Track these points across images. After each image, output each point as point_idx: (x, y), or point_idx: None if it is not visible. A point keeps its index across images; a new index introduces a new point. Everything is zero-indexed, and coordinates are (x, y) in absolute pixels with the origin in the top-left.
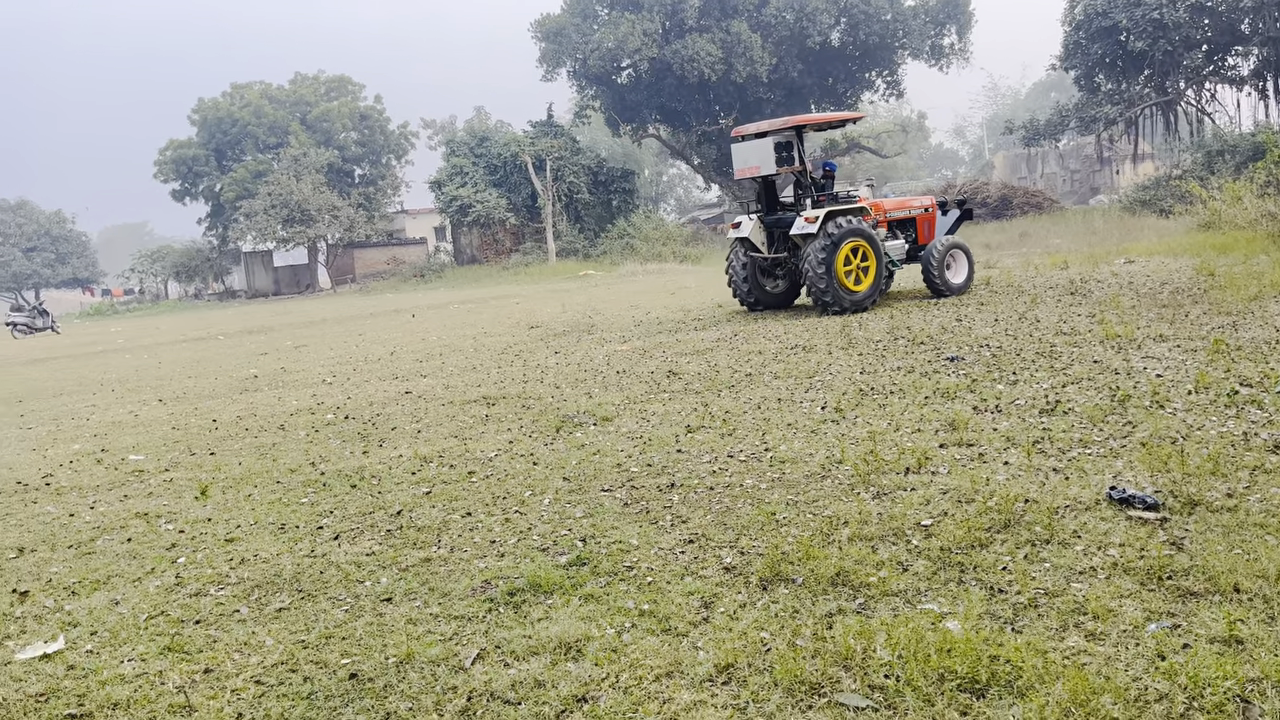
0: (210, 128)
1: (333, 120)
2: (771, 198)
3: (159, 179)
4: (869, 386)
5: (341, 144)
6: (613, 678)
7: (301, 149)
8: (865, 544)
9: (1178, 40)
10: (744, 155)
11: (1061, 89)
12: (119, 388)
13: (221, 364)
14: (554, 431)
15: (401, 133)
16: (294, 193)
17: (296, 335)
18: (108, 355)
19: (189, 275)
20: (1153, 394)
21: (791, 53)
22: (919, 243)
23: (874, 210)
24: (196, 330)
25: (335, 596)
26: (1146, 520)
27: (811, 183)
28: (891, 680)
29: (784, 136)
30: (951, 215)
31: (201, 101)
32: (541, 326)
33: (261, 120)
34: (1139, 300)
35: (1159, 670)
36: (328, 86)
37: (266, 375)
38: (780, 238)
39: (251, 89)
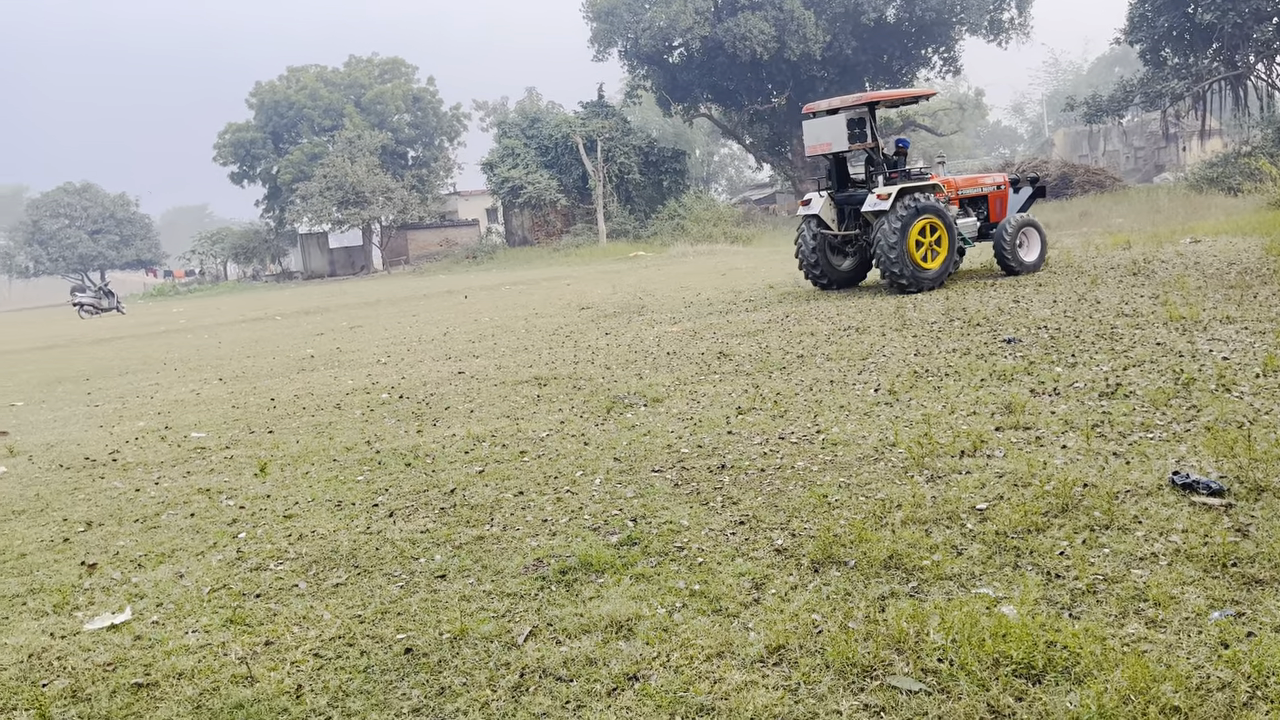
0: (267, 111)
1: (386, 102)
2: (843, 174)
3: (218, 162)
4: (923, 369)
5: (395, 126)
6: (663, 657)
7: (356, 131)
8: (919, 527)
9: (1248, 12)
10: (815, 132)
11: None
12: (181, 367)
13: (279, 344)
14: (605, 412)
15: (454, 114)
16: (348, 175)
17: (351, 316)
18: (170, 335)
19: (247, 257)
20: (1218, 377)
21: (846, 30)
22: (990, 220)
23: (946, 187)
24: (255, 311)
25: (390, 573)
26: (1210, 506)
27: (884, 160)
28: (945, 664)
29: (856, 113)
30: (1024, 192)
31: (259, 85)
32: (592, 308)
33: (317, 103)
34: (1205, 281)
35: (1222, 659)
36: (381, 69)
37: (323, 355)
38: (851, 215)
39: (307, 72)
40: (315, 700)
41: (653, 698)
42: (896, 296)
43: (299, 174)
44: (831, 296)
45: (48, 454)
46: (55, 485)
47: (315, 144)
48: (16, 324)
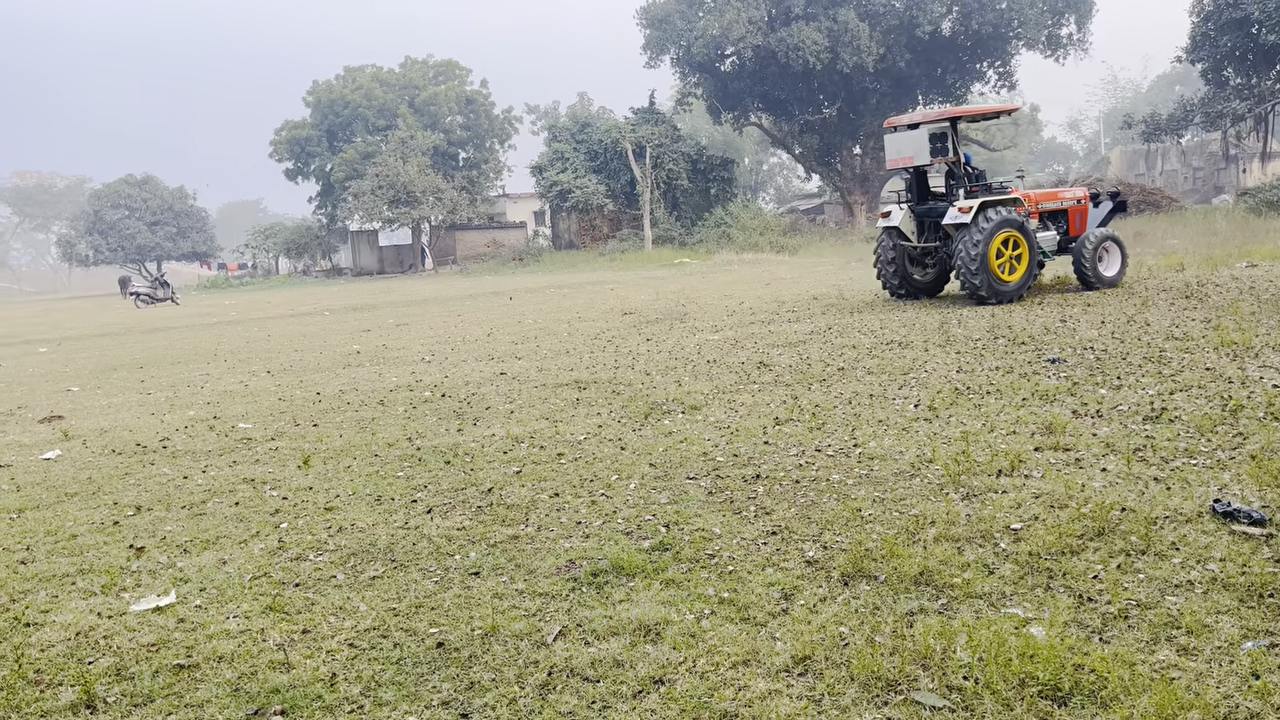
0: (323, 109)
1: (439, 104)
2: (923, 188)
3: (274, 158)
4: (965, 386)
5: (447, 127)
6: (690, 662)
7: (409, 131)
8: (951, 544)
9: None
10: (897, 145)
11: (1186, 82)
12: (231, 358)
13: (326, 339)
14: (642, 418)
15: (505, 117)
16: (400, 174)
17: (398, 314)
18: (221, 327)
19: (298, 252)
20: (1268, 405)
21: (900, 42)
22: (1070, 234)
23: (1026, 201)
24: (304, 306)
25: (426, 568)
26: (1251, 535)
27: (966, 173)
28: (970, 682)
29: (938, 128)
30: (1104, 207)
31: (316, 84)
32: (635, 313)
33: (372, 103)
34: (1260, 306)
35: (1252, 689)
36: (436, 70)
37: (368, 351)
38: (931, 227)
39: (363, 72)
40: (348, 689)
41: (677, 702)
42: (941, 311)
43: (352, 172)
44: (877, 311)
45: (101, 439)
46: (107, 470)
47: (369, 143)
48: (75, 311)
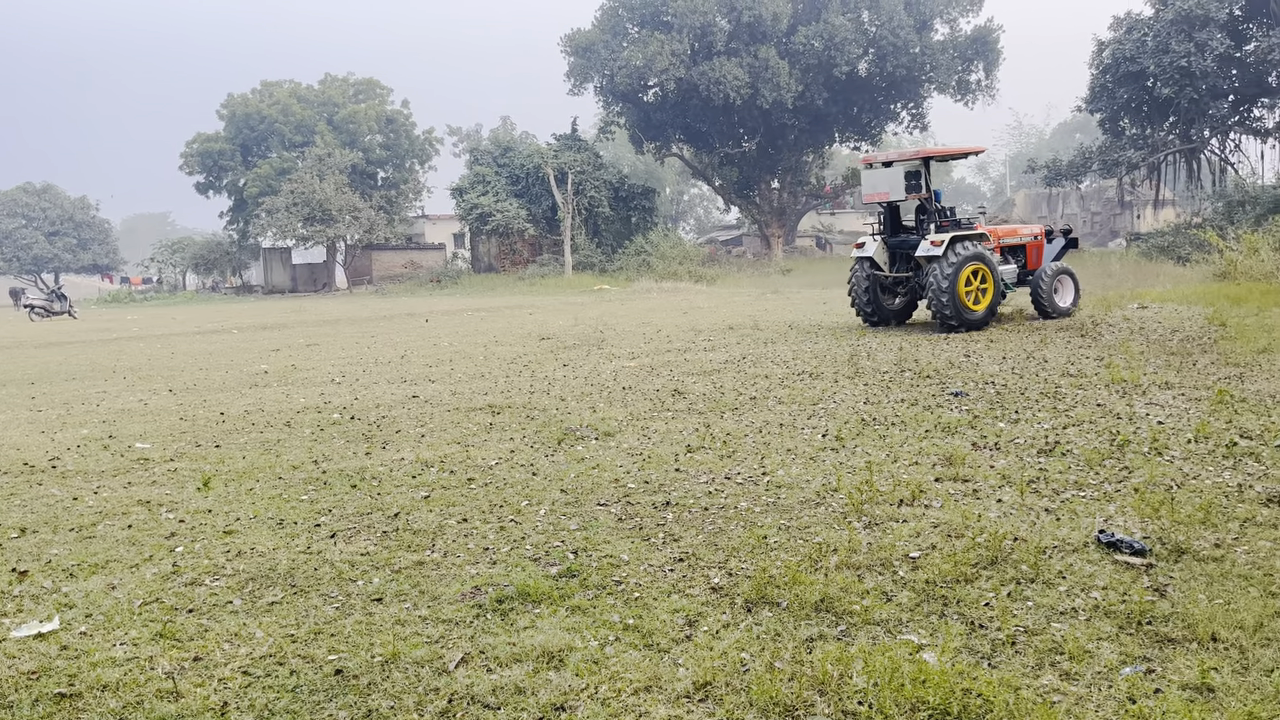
0: (238, 123)
1: (359, 122)
2: (895, 221)
3: (184, 171)
4: (871, 417)
5: (366, 146)
6: (592, 689)
7: (326, 149)
8: (852, 572)
9: (1204, 89)
10: (873, 181)
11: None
12: (130, 375)
13: (233, 358)
14: (556, 443)
15: (426, 138)
16: (316, 192)
17: (310, 334)
18: (122, 342)
19: (208, 268)
20: (1152, 440)
21: (818, 81)
22: (1028, 267)
23: (990, 236)
24: (211, 323)
25: (327, 593)
26: (1132, 565)
27: (937, 209)
28: (864, 707)
29: (912, 166)
30: (1057, 243)
31: (231, 97)
32: (553, 338)
33: (289, 118)
34: (1148, 346)
35: (1128, 713)
36: (356, 88)
37: (277, 372)
38: (902, 258)
39: (281, 87)
40: (240, 718)
41: None
42: (851, 344)
43: (266, 188)
44: (789, 340)
45: None
46: None
47: (285, 159)
48: None
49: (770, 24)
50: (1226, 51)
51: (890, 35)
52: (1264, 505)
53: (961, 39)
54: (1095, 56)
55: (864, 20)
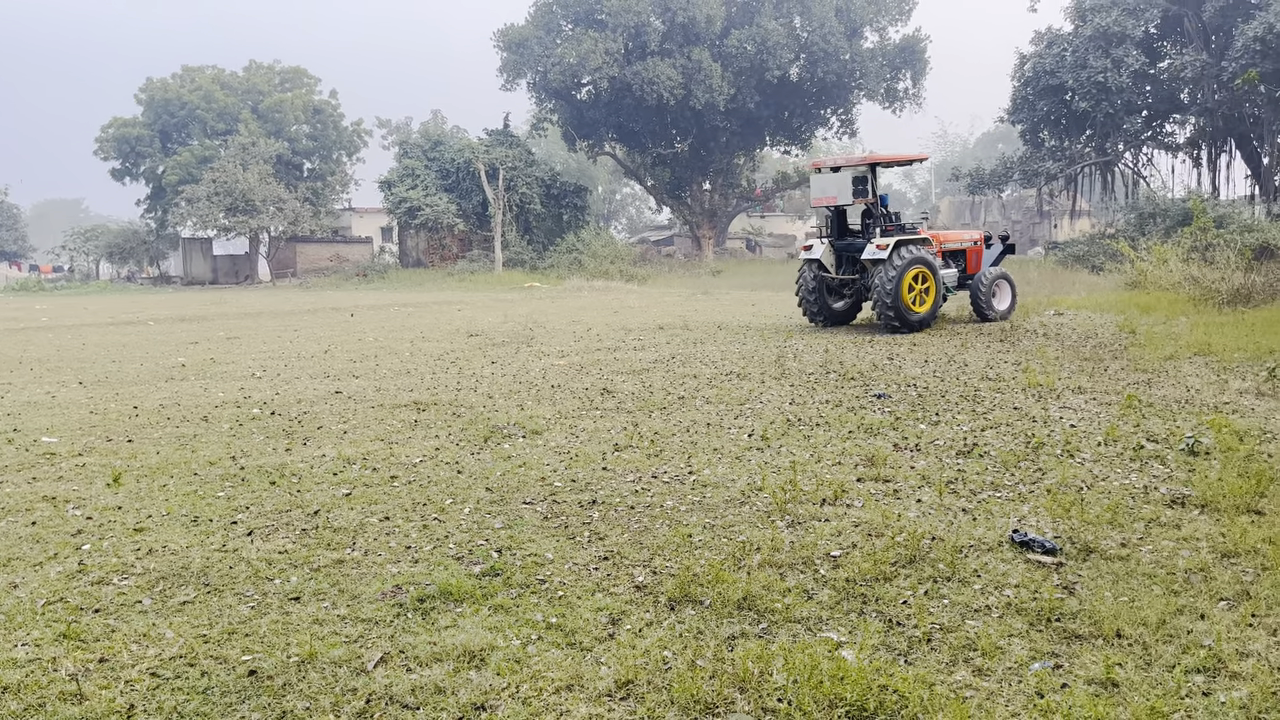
0: (157, 108)
1: (285, 111)
2: (842, 225)
3: (99, 156)
4: (796, 417)
5: (292, 136)
6: (513, 688)
7: (251, 138)
8: (775, 570)
9: (1119, 104)
10: (822, 186)
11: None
12: (38, 367)
13: (149, 350)
14: (482, 441)
15: (355, 130)
16: (239, 181)
17: (230, 326)
18: (30, 333)
19: (123, 257)
20: (1065, 443)
21: (750, 84)
22: (968, 272)
23: (934, 240)
24: (126, 314)
25: (242, 593)
26: (1043, 564)
27: (883, 213)
28: (783, 704)
29: (860, 171)
30: (995, 248)
31: (150, 81)
32: (481, 335)
33: (211, 105)
34: (1063, 352)
35: (1036, 708)
36: (282, 77)
37: (195, 365)
38: (848, 261)
39: (203, 73)
40: None
41: None
42: (779, 345)
43: (186, 176)
44: (718, 341)
45: None
46: None
47: (206, 147)
48: None
49: (704, 26)
50: (1141, 68)
51: (821, 41)
52: (1167, 506)
53: (890, 48)
54: (1017, 69)
55: (796, 25)
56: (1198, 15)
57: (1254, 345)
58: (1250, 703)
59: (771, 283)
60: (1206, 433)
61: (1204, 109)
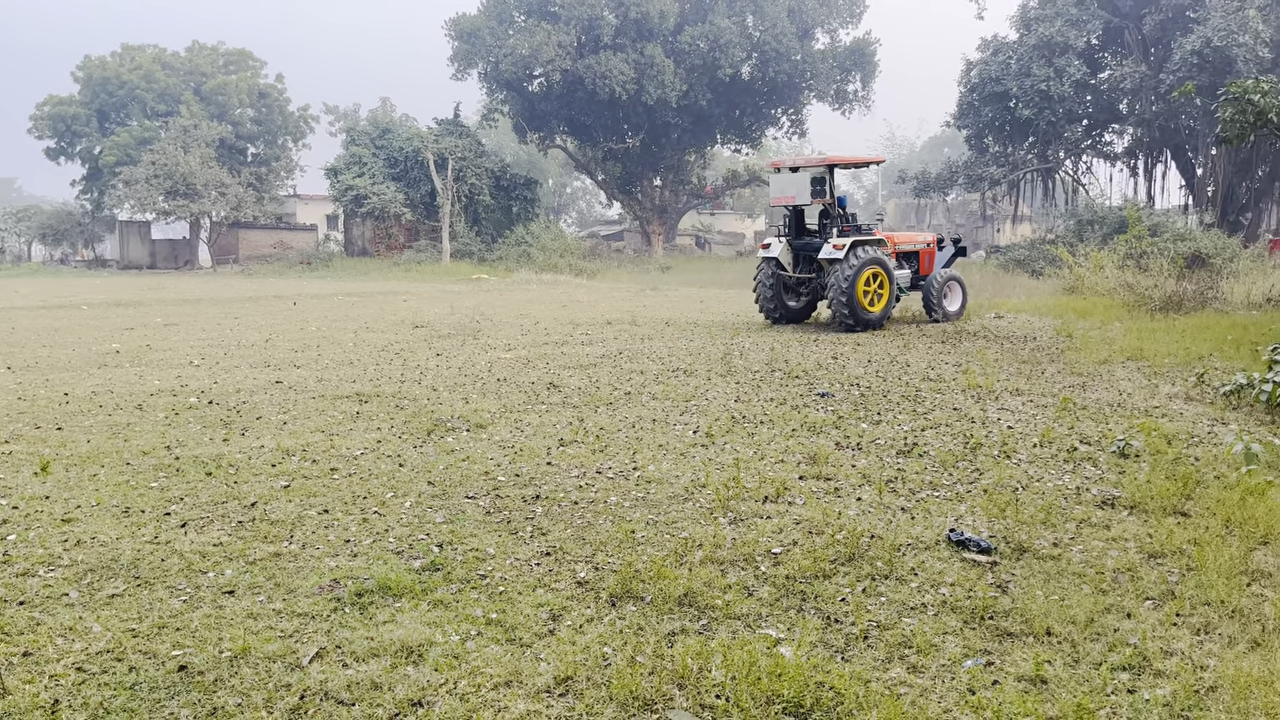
0: (95, 87)
1: (229, 94)
2: (800, 224)
3: (33, 134)
4: (741, 415)
5: (236, 119)
6: (451, 684)
7: (193, 120)
8: (716, 567)
9: (1061, 113)
10: (781, 185)
11: (954, 146)
12: None
13: (82, 335)
14: (425, 434)
15: (301, 115)
16: (180, 164)
17: (168, 313)
18: None
19: (56, 239)
20: (1002, 444)
21: (702, 81)
22: (920, 273)
23: (888, 242)
24: (59, 297)
25: (174, 586)
26: (978, 563)
27: (840, 214)
28: (722, 700)
29: (818, 172)
30: (947, 250)
31: (88, 59)
32: (426, 326)
33: (152, 86)
34: (1002, 354)
35: (968, 704)
36: (226, 59)
37: (130, 351)
38: (805, 260)
39: (144, 52)
40: (72, 716)
41: None
42: (726, 344)
43: (125, 157)
44: (665, 337)
45: None
46: None
47: (146, 128)
48: None
49: (657, 22)
50: (1083, 78)
51: (773, 41)
52: (1098, 507)
53: (841, 49)
54: (964, 75)
55: (749, 25)
56: (1138, 28)
57: (1184, 351)
58: (1173, 700)
59: (720, 280)
60: (1137, 436)
61: (1142, 119)
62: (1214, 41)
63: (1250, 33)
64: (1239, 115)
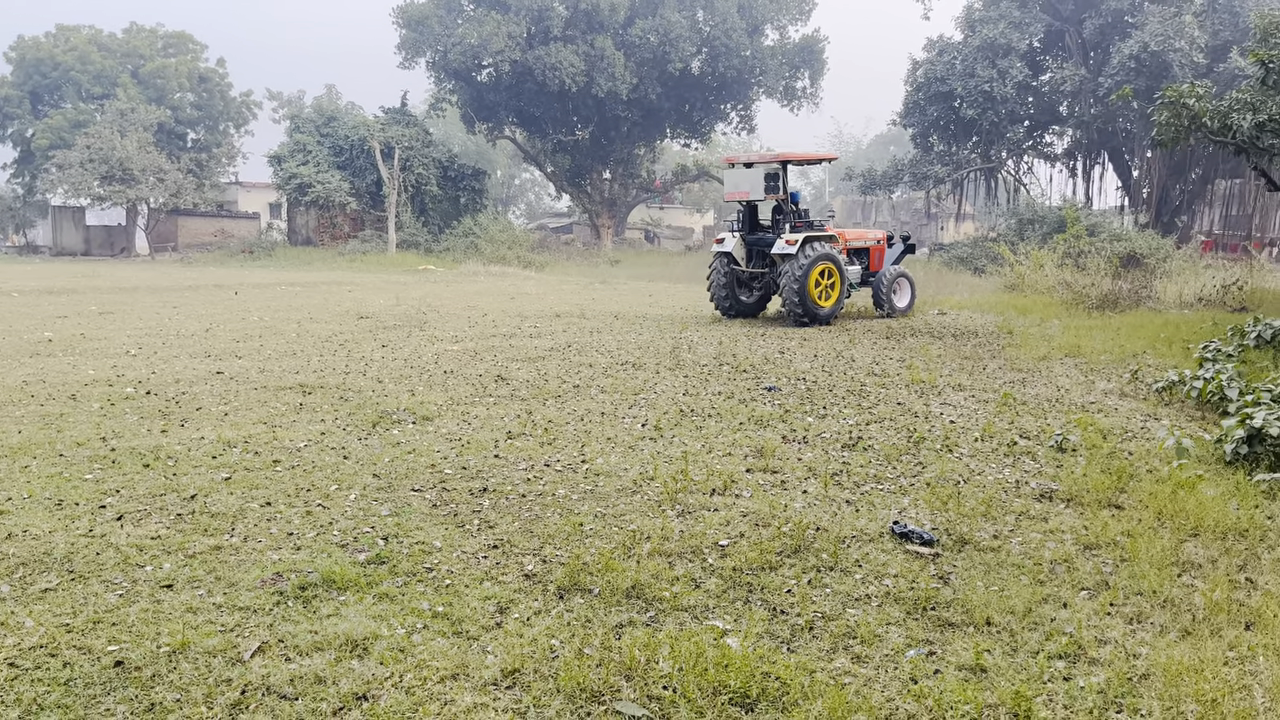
0: (28, 68)
1: (168, 78)
2: (753, 219)
3: None
4: (689, 408)
5: (176, 104)
6: (396, 677)
7: (130, 104)
8: (664, 559)
9: (1004, 113)
10: (735, 180)
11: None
12: None
13: (12, 323)
14: (370, 426)
15: (244, 101)
16: (117, 149)
17: (103, 301)
18: None
19: None
20: (944, 438)
21: (652, 75)
22: (870, 270)
23: (840, 238)
24: None
25: (110, 580)
26: (921, 554)
27: (793, 210)
28: (669, 691)
29: (772, 168)
30: (897, 248)
31: (21, 39)
32: (372, 318)
33: (87, 67)
34: (945, 350)
35: (910, 693)
36: (165, 41)
37: (63, 340)
38: (758, 255)
39: (79, 33)
40: (4, 713)
41: (379, 718)
42: (674, 337)
43: (58, 140)
44: (614, 331)
45: None
46: None
47: (81, 111)
48: None
49: (608, 14)
50: (1025, 80)
51: (723, 36)
52: (1037, 500)
53: (790, 46)
54: (910, 74)
55: (699, 19)
56: (1078, 32)
57: (1119, 348)
58: (1107, 687)
59: (669, 274)
60: (1074, 431)
61: (1081, 121)
62: (1151, 46)
63: (1186, 38)
64: (1174, 119)
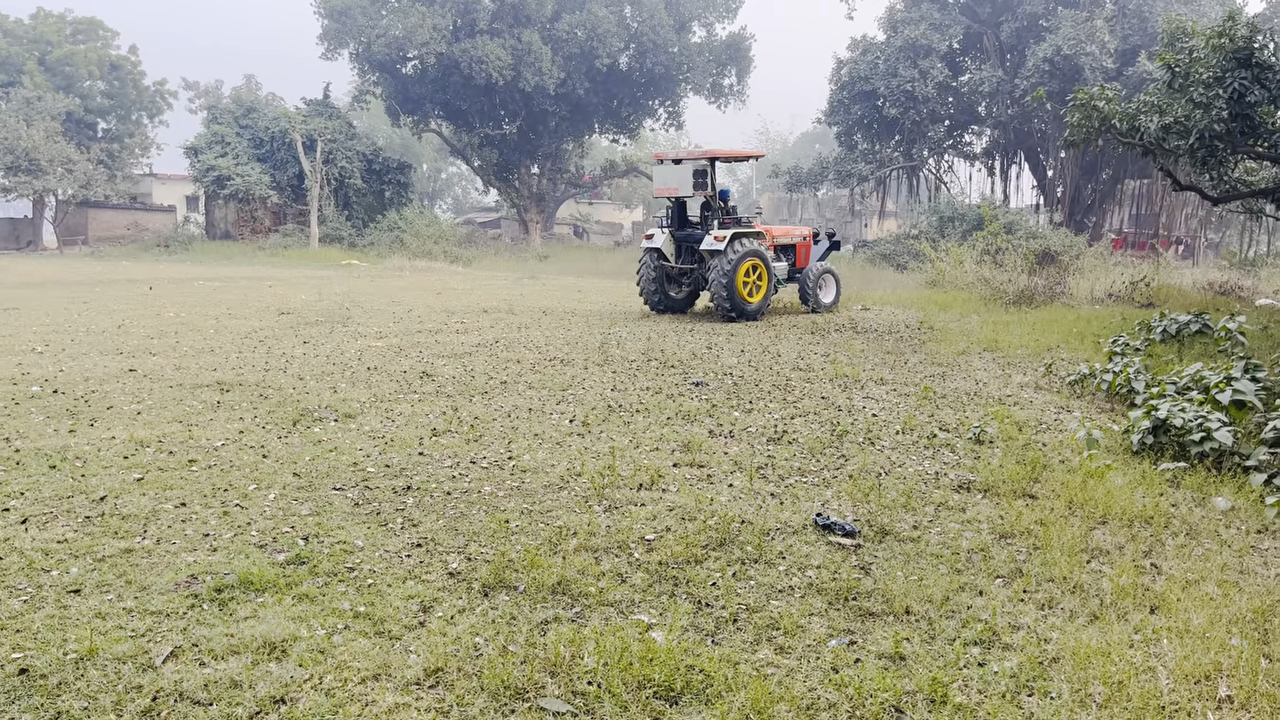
0: None
1: (77, 65)
2: (682, 216)
3: None
4: (617, 404)
5: (85, 92)
6: (316, 679)
7: (36, 91)
8: (590, 555)
9: (925, 113)
10: (664, 177)
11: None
12: None
13: None
14: (290, 424)
15: (158, 90)
16: (22, 138)
17: (7, 296)
18: None
19: None
20: (867, 431)
21: (580, 70)
22: (797, 266)
23: (767, 235)
24: None
25: (14, 586)
26: (843, 546)
27: (720, 206)
28: (593, 687)
29: (700, 165)
30: (823, 244)
31: None
32: (293, 313)
33: None
34: (868, 345)
35: (831, 682)
36: (74, 28)
37: None
38: (687, 251)
39: None
40: None
41: None
42: (602, 333)
43: None
44: (542, 326)
45: None
46: None
47: None
48: None
49: (534, 8)
50: (945, 80)
51: (651, 33)
52: (955, 491)
53: (717, 44)
54: (835, 74)
55: (626, 15)
56: (996, 34)
57: (1034, 343)
58: (1019, 671)
59: (598, 269)
60: (991, 423)
61: (998, 122)
62: (1064, 50)
63: (1097, 43)
64: (1085, 121)
